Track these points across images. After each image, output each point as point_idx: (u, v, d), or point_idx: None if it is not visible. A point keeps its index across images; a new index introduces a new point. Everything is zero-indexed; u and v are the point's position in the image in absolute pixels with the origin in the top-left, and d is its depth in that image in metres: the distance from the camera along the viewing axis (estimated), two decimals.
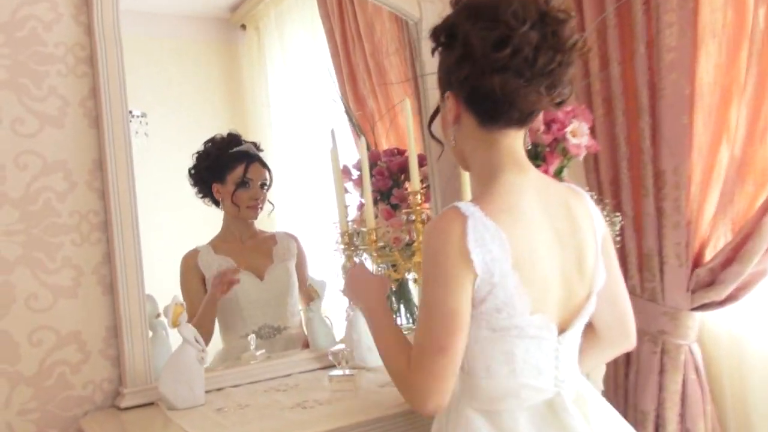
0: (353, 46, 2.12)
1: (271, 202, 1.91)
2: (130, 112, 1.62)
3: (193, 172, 1.86)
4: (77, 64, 1.53)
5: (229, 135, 1.87)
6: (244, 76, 2.07)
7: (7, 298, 1.44)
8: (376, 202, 1.87)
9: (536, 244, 1.00)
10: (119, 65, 1.51)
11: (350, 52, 2.13)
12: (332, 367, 1.62)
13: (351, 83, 2.15)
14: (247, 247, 1.87)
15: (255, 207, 1.86)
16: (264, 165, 1.90)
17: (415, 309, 1.97)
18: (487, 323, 0.99)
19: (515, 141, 1.04)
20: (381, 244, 1.80)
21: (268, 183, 1.90)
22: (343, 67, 2.15)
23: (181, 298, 1.44)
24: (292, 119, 2.16)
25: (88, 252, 1.52)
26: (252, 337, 1.68)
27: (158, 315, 1.54)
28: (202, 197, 1.86)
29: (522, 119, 1.02)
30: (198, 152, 1.86)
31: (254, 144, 1.90)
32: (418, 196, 1.66)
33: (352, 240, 1.74)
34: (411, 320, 1.96)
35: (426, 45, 1.78)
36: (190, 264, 1.81)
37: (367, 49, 2.09)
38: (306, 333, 1.83)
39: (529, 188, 1.03)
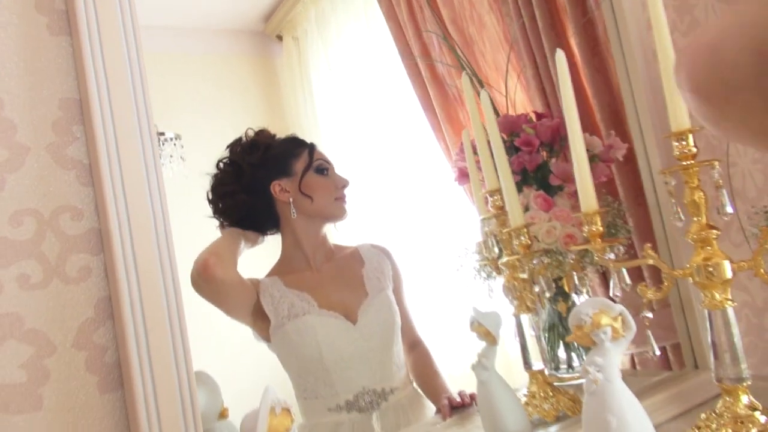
0: (422, 18, 1.65)
1: None
2: (162, 133, 1.45)
3: (228, 189, 1.21)
4: None
5: (260, 131, 1.29)
6: (286, 91, 1.89)
7: None
8: (519, 188, 1.13)
9: None
10: None
11: (420, 26, 1.66)
12: None
13: (425, 62, 1.66)
14: (326, 274, 1.25)
15: (343, 199, 1.25)
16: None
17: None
18: None
19: None
20: (542, 246, 1.09)
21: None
22: (413, 46, 1.67)
23: (277, 394, 0.63)
24: (343, 130, 1.85)
25: (60, 299, 0.71)
26: (375, 416, 1.01)
27: (223, 412, 0.73)
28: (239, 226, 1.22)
29: None
30: (224, 160, 1.24)
31: None
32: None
33: (488, 246, 1.03)
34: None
35: None
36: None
37: (446, 15, 1.59)
38: (437, 403, 1.18)
39: None
